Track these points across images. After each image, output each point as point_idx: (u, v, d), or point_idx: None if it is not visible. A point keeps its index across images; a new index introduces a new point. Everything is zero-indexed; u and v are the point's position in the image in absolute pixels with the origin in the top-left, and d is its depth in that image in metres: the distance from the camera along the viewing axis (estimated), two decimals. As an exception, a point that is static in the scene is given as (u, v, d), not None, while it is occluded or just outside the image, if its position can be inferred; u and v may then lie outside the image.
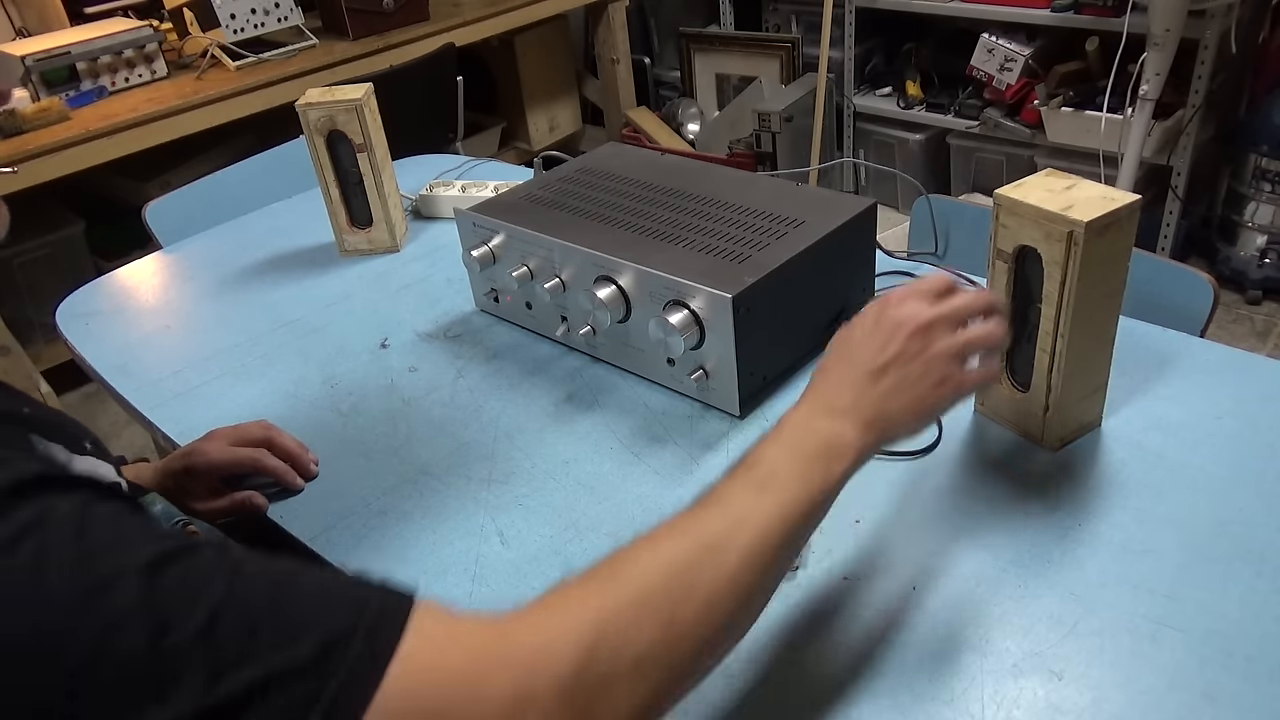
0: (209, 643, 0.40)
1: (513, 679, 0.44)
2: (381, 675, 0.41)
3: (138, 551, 0.41)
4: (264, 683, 0.39)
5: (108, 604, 0.39)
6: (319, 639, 0.41)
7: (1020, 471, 0.80)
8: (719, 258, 0.89)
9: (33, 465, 0.43)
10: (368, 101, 1.20)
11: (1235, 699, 0.59)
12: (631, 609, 0.48)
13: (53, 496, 0.42)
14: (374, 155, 1.22)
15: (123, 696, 0.38)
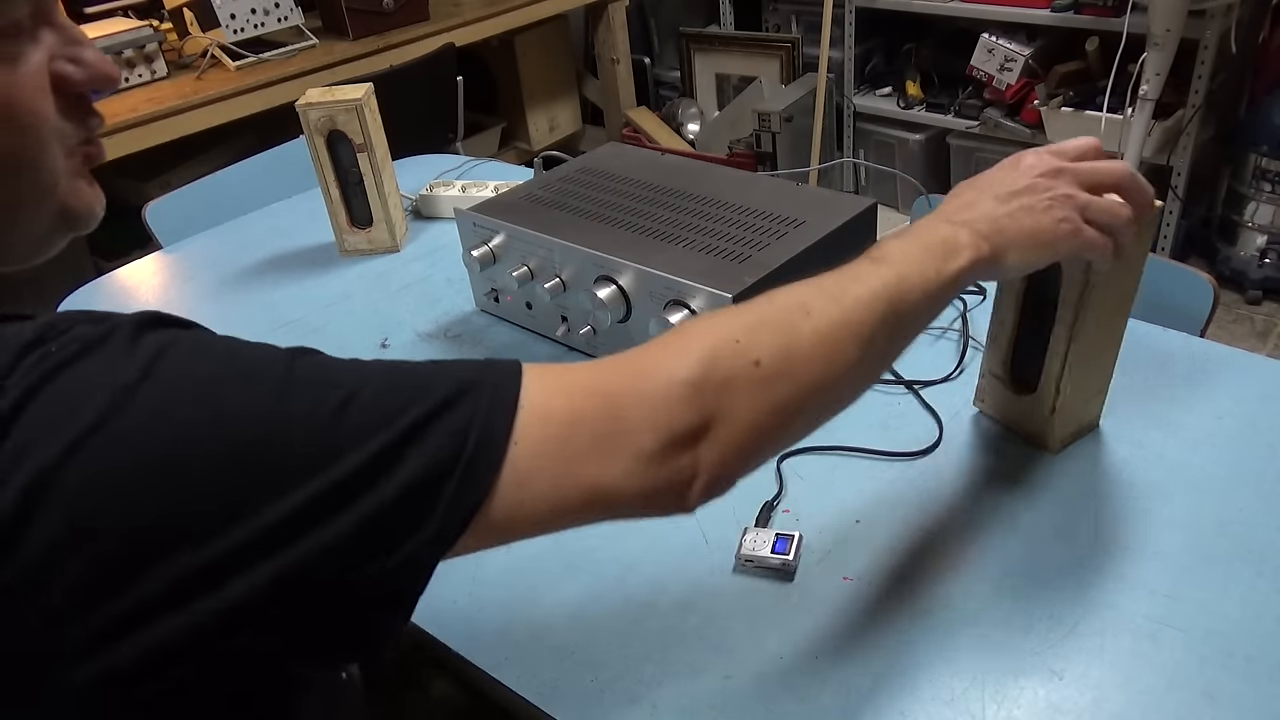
0: (362, 405, 0.43)
1: (638, 382, 0.49)
2: (516, 401, 0.46)
3: (269, 349, 0.45)
4: (419, 424, 0.43)
5: (261, 388, 0.42)
6: (453, 386, 0.45)
7: (1020, 471, 0.80)
8: (719, 257, 0.89)
9: (151, 310, 0.45)
10: (368, 101, 1.20)
11: (1235, 699, 0.59)
12: (749, 328, 0.53)
13: (177, 329, 0.45)
14: (374, 155, 1.22)
15: (298, 465, 0.40)
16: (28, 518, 0.36)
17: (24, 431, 0.37)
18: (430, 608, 0.72)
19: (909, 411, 0.88)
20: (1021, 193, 0.63)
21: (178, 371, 0.41)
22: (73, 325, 0.41)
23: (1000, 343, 0.81)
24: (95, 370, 0.40)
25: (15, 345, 0.40)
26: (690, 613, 0.70)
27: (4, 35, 0.47)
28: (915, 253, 0.59)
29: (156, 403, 0.39)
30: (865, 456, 0.83)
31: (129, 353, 0.40)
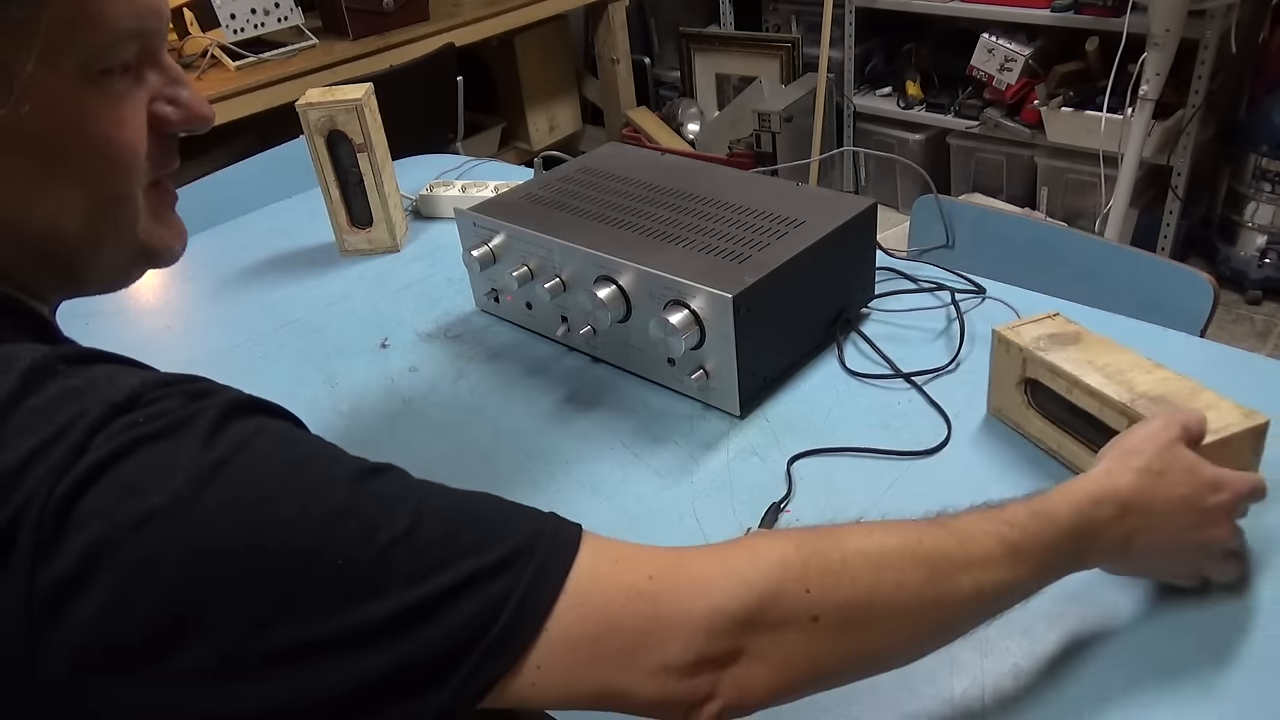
0: (413, 545, 0.42)
1: (689, 597, 0.46)
2: (562, 582, 0.44)
3: (344, 463, 0.44)
4: (462, 583, 0.42)
5: (322, 505, 0.41)
6: (507, 548, 0.44)
7: (1021, 471, 0.80)
8: (719, 258, 0.89)
9: (243, 394, 0.45)
10: (368, 101, 1.20)
11: (1235, 698, 0.59)
12: (827, 575, 0.48)
13: (264, 416, 0.45)
14: (374, 155, 1.22)
15: (338, 592, 0.40)
16: (82, 580, 0.37)
17: (98, 496, 0.38)
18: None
19: (910, 411, 0.88)
20: (1189, 532, 0.61)
21: (251, 471, 0.41)
22: (165, 395, 0.42)
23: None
24: (175, 453, 0.40)
25: (106, 402, 0.40)
26: (690, 613, 0.70)
27: (112, 75, 0.47)
28: (1058, 559, 0.56)
29: (224, 499, 0.40)
30: (873, 456, 0.83)
31: (209, 442, 0.41)
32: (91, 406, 0.40)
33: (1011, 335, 0.80)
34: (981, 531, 0.54)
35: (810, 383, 0.93)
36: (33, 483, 0.37)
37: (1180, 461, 0.61)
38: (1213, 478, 0.61)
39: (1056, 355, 0.77)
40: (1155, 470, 0.60)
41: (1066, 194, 2.61)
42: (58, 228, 0.49)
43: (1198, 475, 0.61)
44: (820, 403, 0.90)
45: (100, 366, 0.43)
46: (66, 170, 0.47)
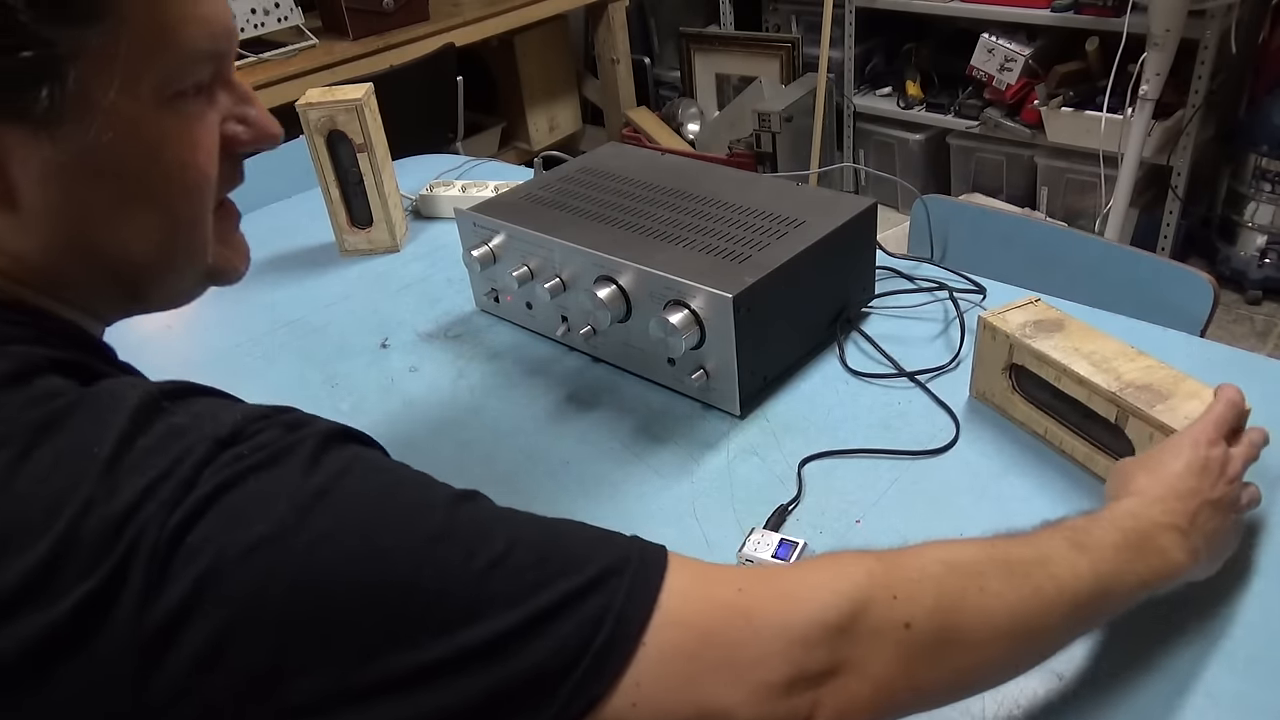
0: (509, 569, 0.42)
1: (781, 609, 0.46)
2: (655, 598, 0.44)
3: (436, 490, 0.45)
4: (558, 604, 0.42)
5: (420, 532, 0.42)
6: (598, 568, 0.44)
7: (1021, 470, 0.80)
8: (719, 257, 0.89)
9: (335, 423, 0.46)
10: (368, 101, 1.20)
11: (1235, 699, 0.59)
12: (912, 583, 0.49)
13: (357, 445, 0.46)
14: (374, 155, 1.22)
15: (439, 618, 0.40)
16: (190, 612, 0.37)
17: (206, 529, 0.38)
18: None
19: (910, 410, 0.88)
20: (1220, 502, 0.62)
21: (350, 499, 0.41)
22: (265, 428, 0.42)
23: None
24: (278, 481, 0.40)
25: (211, 438, 0.41)
26: (690, 613, 0.70)
27: (186, 96, 0.47)
28: (1127, 554, 0.56)
29: (326, 527, 0.40)
30: (881, 457, 0.83)
31: (310, 470, 0.41)
32: (197, 443, 0.40)
33: (997, 322, 0.82)
34: (1049, 536, 0.55)
35: (810, 382, 0.93)
36: (144, 520, 0.38)
37: (1181, 451, 0.64)
38: (1220, 457, 0.65)
39: (1043, 343, 0.78)
40: (1173, 466, 0.63)
41: (1066, 194, 2.61)
42: (131, 252, 0.49)
43: (1206, 456, 0.64)
44: (821, 402, 0.90)
45: (199, 401, 0.44)
46: (142, 196, 0.47)
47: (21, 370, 0.42)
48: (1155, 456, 0.65)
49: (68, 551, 0.37)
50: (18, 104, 0.41)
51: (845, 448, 0.84)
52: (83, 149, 0.44)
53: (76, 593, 0.36)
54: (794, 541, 0.73)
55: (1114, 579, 0.55)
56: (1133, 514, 0.59)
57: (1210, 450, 0.64)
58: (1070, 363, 0.76)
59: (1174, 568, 0.58)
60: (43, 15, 0.40)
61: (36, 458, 0.39)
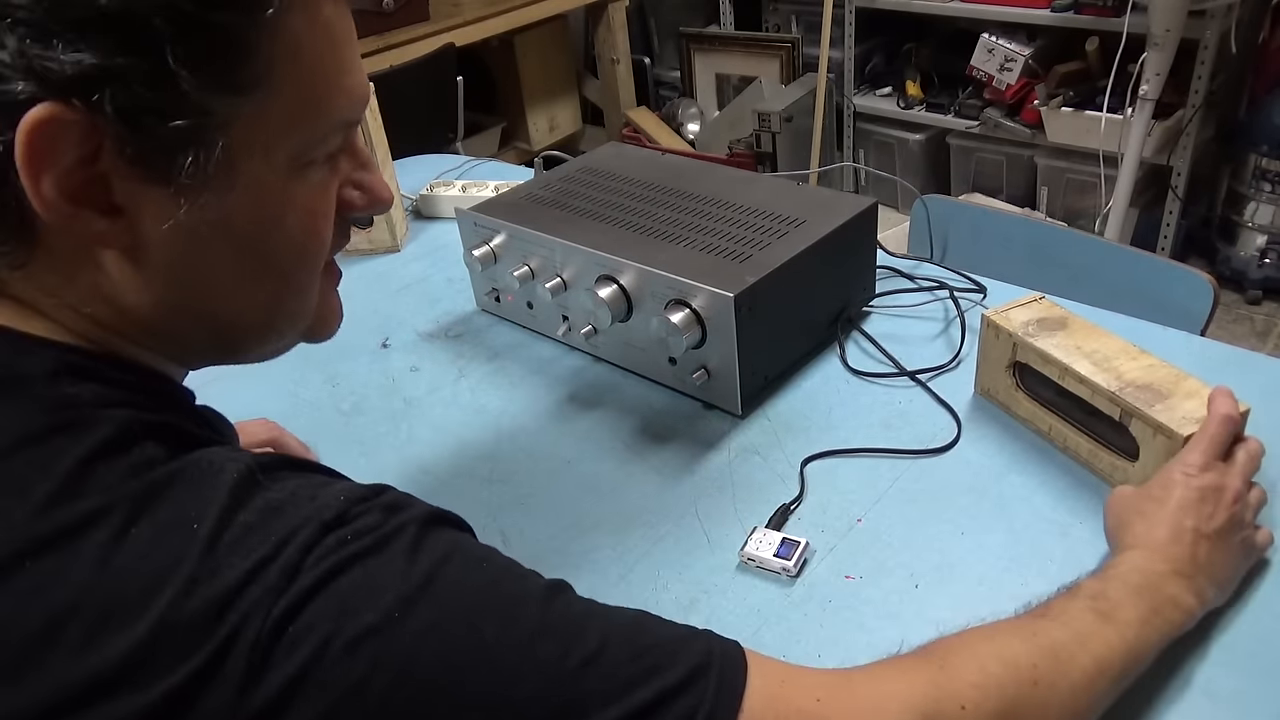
0: (604, 666, 0.42)
1: (851, 715, 0.47)
2: (740, 702, 0.44)
3: (530, 580, 0.45)
4: (653, 703, 0.42)
5: (521, 626, 0.42)
6: (687, 666, 0.44)
7: (1023, 469, 0.80)
8: (720, 257, 0.89)
9: (429, 505, 0.45)
10: (369, 104, 1.20)
11: (1235, 697, 0.59)
12: (971, 689, 0.50)
13: (453, 530, 0.45)
14: (374, 155, 1.21)
15: (537, 715, 0.40)
16: (291, 700, 0.37)
17: (311, 617, 0.38)
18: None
19: (910, 409, 0.88)
20: (1221, 532, 0.62)
21: (453, 589, 0.41)
22: (367, 511, 0.42)
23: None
24: (383, 570, 0.40)
25: (316, 521, 0.40)
26: (691, 612, 0.70)
27: (315, 165, 0.47)
28: (1143, 611, 0.57)
29: (432, 618, 0.40)
30: (883, 456, 0.83)
31: (413, 558, 0.41)
32: (302, 525, 0.40)
33: (1000, 319, 0.82)
34: (1076, 609, 0.57)
35: (811, 381, 0.93)
36: (248, 604, 0.37)
37: (1171, 488, 0.64)
38: (1214, 484, 0.64)
39: (1046, 341, 0.79)
40: (1165, 506, 0.63)
41: (1066, 194, 2.61)
42: (242, 314, 0.49)
43: (1198, 488, 0.63)
44: (821, 401, 0.90)
45: (294, 477, 0.43)
46: (262, 261, 0.47)
47: (122, 437, 0.41)
48: (1149, 494, 0.65)
49: (168, 632, 0.37)
50: (166, 168, 0.41)
51: (846, 447, 0.84)
52: (216, 213, 0.43)
53: (176, 675, 0.36)
54: (796, 541, 0.73)
55: (1141, 642, 0.56)
56: (1139, 569, 0.60)
57: (1202, 479, 0.63)
58: (1072, 361, 0.76)
59: (1187, 615, 0.59)
60: (205, 85, 0.40)
61: (135, 533, 0.38)
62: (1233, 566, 0.64)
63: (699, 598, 0.71)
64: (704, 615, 0.69)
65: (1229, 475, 0.65)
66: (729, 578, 0.72)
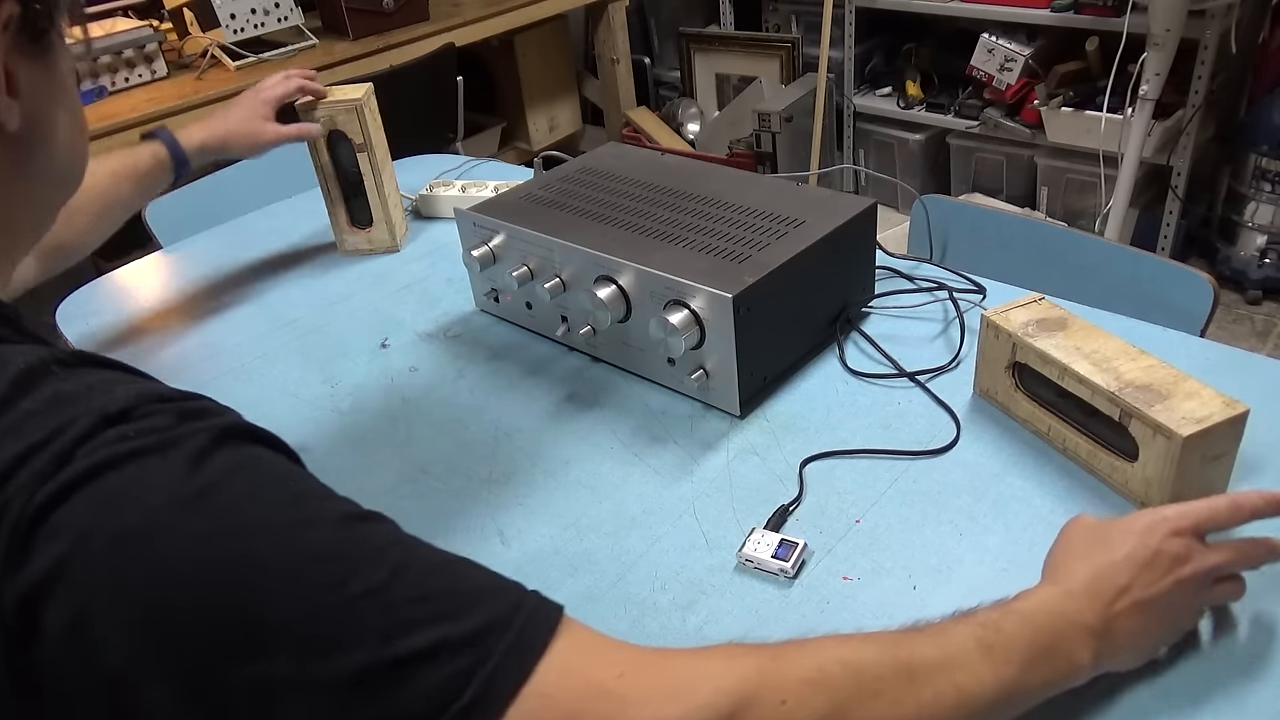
0: (386, 601, 0.41)
1: (658, 702, 0.44)
2: (533, 666, 0.42)
3: (331, 504, 0.44)
4: (431, 649, 0.40)
5: (300, 547, 0.41)
6: (482, 619, 0.42)
7: (1021, 470, 0.80)
8: (719, 257, 0.89)
9: (242, 420, 0.45)
10: (368, 101, 1.20)
11: (1235, 698, 0.59)
12: (799, 685, 0.47)
13: (259, 446, 0.44)
14: (374, 155, 1.22)
15: (301, 638, 0.39)
16: (49, 594, 0.37)
17: (75, 509, 0.37)
18: (430, 607, 0.72)
19: (910, 410, 0.88)
20: (1153, 602, 0.57)
21: (233, 502, 0.40)
22: (159, 411, 0.41)
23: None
24: (159, 472, 0.39)
25: (98, 411, 0.40)
26: (690, 613, 0.70)
27: None
28: (1033, 656, 0.53)
29: (200, 529, 0.39)
30: (881, 457, 0.83)
31: (196, 466, 0.40)
32: (83, 415, 0.39)
33: (1000, 320, 0.82)
34: (959, 633, 0.53)
35: (810, 382, 0.93)
36: (14, 489, 0.37)
37: (1129, 538, 0.59)
38: (1174, 552, 0.59)
39: (1045, 341, 0.79)
40: (1112, 554, 0.59)
41: (1066, 194, 2.60)
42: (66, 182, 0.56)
43: (1155, 549, 0.59)
44: (820, 402, 0.90)
45: (97, 372, 0.43)
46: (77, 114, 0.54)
47: None
48: (1105, 535, 0.60)
49: None
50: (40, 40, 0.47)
51: (845, 448, 0.84)
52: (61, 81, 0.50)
53: None
54: (794, 542, 0.73)
55: (1017, 685, 0.52)
56: (1048, 610, 0.56)
57: (1165, 543, 0.58)
58: (1071, 362, 0.76)
59: (1076, 672, 0.56)
60: None
61: None
62: (1152, 639, 0.59)
63: (697, 599, 0.71)
64: (702, 616, 0.69)
65: (1202, 552, 0.59)
66: (727, 578, 0.72)
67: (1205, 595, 0.61)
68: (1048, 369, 0.78)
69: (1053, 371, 0.78)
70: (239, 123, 1.11)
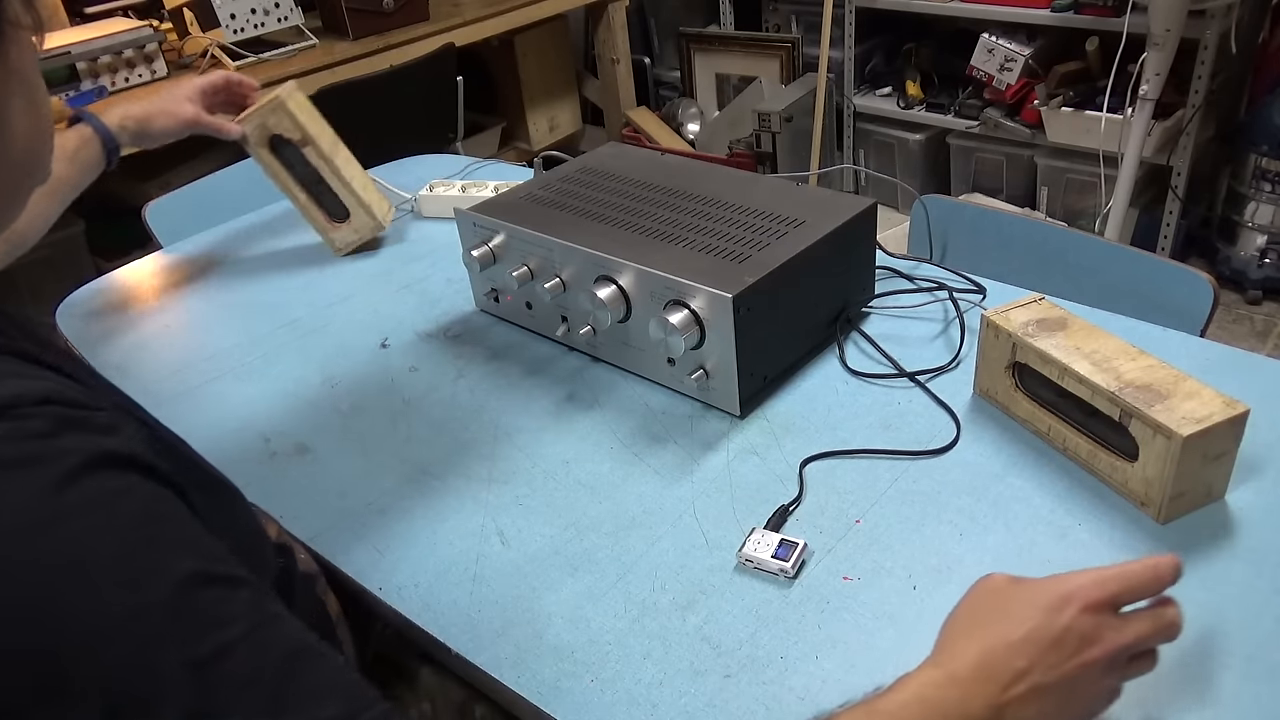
0: (205, 677, 0.38)
1: None
2: None
3: (187, 561, 0.41)
4: None
5: (136, 597, 0.39)
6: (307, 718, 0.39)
7: (1021, 470, 0.80)
8: (719, 257, 0.89)
9: (133, 444, 0.42)
10: (290, 95, 1.20)
11: (1235, 698, 0.59)
12: None
13: (137, 477, 0.42)
14: (319, 145, 1.21)
15: (109, 700, 0.37)
16: None
17: None
18: (430, 608, 0.72)
19: (909, 410, 0.88)
20: (1056, 687, 0.52)
21: (71, 541, 0.38)
22: (38, 415, 0.39)
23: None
24: (17, 491, 0.38)
25: None
26: (690, 612, 0.70)
27: None
28: None
29: (33, 559, 0.37)
30: (881, 457, 0.83)
31: (55, 493, 0.38)
32: None
33: (1000, 320, 0.82)
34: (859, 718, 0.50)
35: (810, 382, 0.93)
36: None
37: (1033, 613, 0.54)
38: (1083, 631, 0.53)
39: (1045, 341, 0.79)
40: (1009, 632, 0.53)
41: (1066, 194, 2.60)
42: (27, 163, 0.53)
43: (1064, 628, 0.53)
44: (820, 402, 0.90)
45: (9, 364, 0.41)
46: (35, 95, 0.52)
47: None
48: (1004, 605, 0.55)
49: None
50: None
51: (845, 448, 0.84)
52: (26, 56, 0.49)
53: None
54: (794, 542, 0.73)
55: None
56: (922, 700, 0.51)
57: (1076, 619, 0.53)
58: (1071, 362, 0.76)
59: None
60: None
61: None
62: (1067, 705, 0.54)
63: (696, 598, 0.71)
64: (701, 616, 0.69)
65: (1113, 630, 0.54)
66: (727, 579, 0.72)
67: (1118, 674, 0.55)
68: (1048, 369, 0.78)
69: (1053, 371, 0.78)
70: (163, 102, 1.13)
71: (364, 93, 2.21)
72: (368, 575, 0.76)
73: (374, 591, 0.75)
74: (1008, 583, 0.57)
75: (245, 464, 0.90)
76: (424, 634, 0.71)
